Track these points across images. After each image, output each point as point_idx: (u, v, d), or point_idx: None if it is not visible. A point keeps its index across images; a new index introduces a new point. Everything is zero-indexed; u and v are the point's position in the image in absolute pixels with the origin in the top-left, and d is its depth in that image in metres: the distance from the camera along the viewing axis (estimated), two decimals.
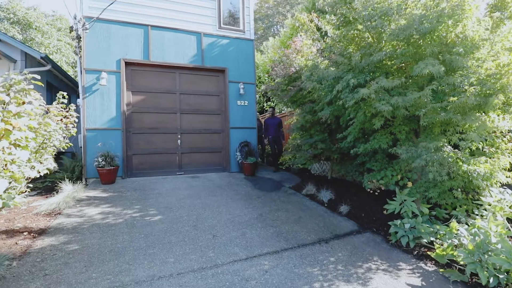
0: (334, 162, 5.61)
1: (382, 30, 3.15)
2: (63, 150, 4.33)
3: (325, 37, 4.83)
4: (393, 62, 3.36)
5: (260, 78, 11.94)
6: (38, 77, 3.02)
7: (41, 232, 3.34)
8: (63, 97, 3.90)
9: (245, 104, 7.47)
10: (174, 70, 6.88)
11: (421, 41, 2.97)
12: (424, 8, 2.85)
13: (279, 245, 3.16)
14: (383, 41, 3.30)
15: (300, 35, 5.33)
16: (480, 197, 3.41)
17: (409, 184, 3.97)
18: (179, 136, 6.87)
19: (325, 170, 6.87)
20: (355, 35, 3.65)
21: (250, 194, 5.22)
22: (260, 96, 11.80)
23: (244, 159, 6.90)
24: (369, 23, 3.18)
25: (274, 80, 11.43)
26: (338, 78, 3.58)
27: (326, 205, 4.66)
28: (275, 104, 10.63)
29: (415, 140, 3.81)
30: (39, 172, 3.41)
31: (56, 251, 2.88)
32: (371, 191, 4.37)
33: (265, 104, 11.35)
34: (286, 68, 5.48)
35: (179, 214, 4.03)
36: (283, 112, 9.60)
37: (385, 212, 4.10)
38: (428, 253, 3.00)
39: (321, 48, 4.71)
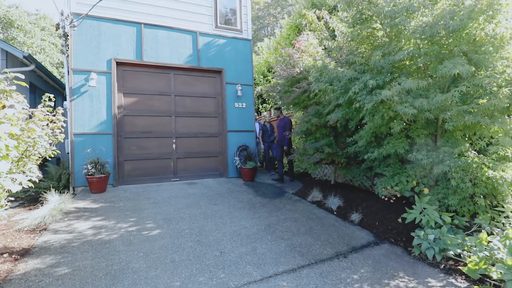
0: (340, 167, 5.39)
1: (403, 28, 2.94)
2: (49, 158, 3.91)
3: (334, 37, 4.61)
4: (412, 62, 3.15)
5: (255, 79, 11.67)
6: (22, 76, 2.64)
7: (24, 253, 2.94)
8: (50, 100, 3.50)
9: (243, 106, 7.17)
10: (169, 71, 6.52)
11: (447, 39, 2.77)
12: (454, 3, 2.64)
13: (295, 262, 2.87)
14: (403, 40, 3.09)
15: (307, 34, 5.09)
16: (504, 204, 3.23)
17: (425, 190, 3.77)
18: (174, 140, 6.50)
19: (327, 174, 6.64)
20: (369, 33, 3.43)
21: (253, 202, 4.92)
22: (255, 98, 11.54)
23: (243, 164, 6.59)
24: (388, 20, 2.95)
25: (269, 82, 11.21)
26: (353, 79, 3.34)
27: (335, 213, 4.41)
28: (271, 106, 10.38)
29: (432, 145, 3.62)
30: (21, 184, 3.00)
31: (43, 277, 2.49)
32: (385, 198, 4.14)
33: (260, 106, 11.08)
34: (289, 68, 5.23)
35: (179, 227, 3.68)
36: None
37: (399, 220, 3.89)
38: (458, 267, 2.78)
39: (330, 47, 4.46)
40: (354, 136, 4.18)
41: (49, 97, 3.48)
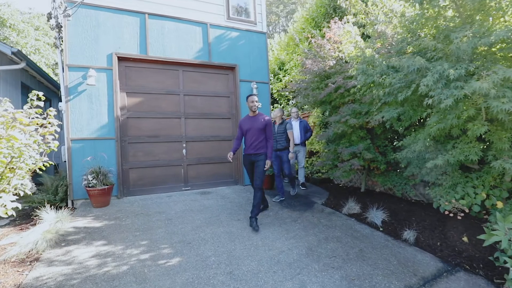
0: (376, 173, 4.73)
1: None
2: (39, 171, 3.22)
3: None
4: (503, 46, 2.49)
5: None
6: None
7: None
8: (38, 98, 2.82)
9: (259, 106, 6.48)
10: (177, 67, 5.84)
11: None
12: None
13: None
14: (490, 18, 2.44)
15: (345, 21, 4.41)
16: None
17: (499, 204, 3.12)
18: (184, 145, 5.82)
19: (353, 180, 5.99)
20: (437, 12, 2.77)
21: (280, 215, 4.25)
22: None
23: None
24: None
25: (280, 81, 10.53)
26: (421, 70, 2.69)
27: (381, 229, 3.75)
28: (283, 106, 9.71)
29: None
30: (5, 207, 2.32)
31: None
32: (449, 213, 3.48)
33: (271, 107, 10.41)
34: (320, 62, 4.56)
35: (202, 252, 3.01)
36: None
37: (464, 239, 3.24)
38: None
39: (376, 33, 3.78)
40: (404, 140, 3.53)
41: (37, 95, 2.80)
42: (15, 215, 4.12)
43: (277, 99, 9.59)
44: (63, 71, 4.98)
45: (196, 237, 3.39)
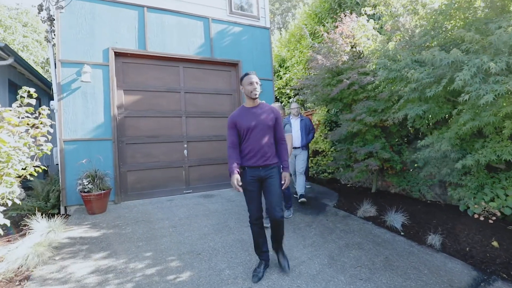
0: (391, 174, 4.50)
1: None
2: (30, 177, 2.88)
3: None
4: None
5: None
6: None
7: None
8: (29, 95, 2.49)
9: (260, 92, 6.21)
10: (177, 63, 5.52)
11: None
12: None
13: None
14: None
15: (363, 13, 4.15)
16: None
17: None
18: (185, 146, 5.51)
19: (361, 180, 5.77)
20: (468, 2, 2.55)
21: (292, 220, 3.99)
22: None
23: None
24: None
25: (281, 78, 10.26)
26: (457, 63, 2.45)
27: (402, 233, 3.51)
28: (284, 105, 9.46)
29: None
30: None
31: None
32: (479, 217, 3.25)
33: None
34: (332, 57, 4.31)
35: (215, 264, 2.72)
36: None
37: (494, 243, 3.02)
38: None
39: (397, 27, 3.53)
40: (426, 139, 3.31)
41: (28, 92, 2.47)
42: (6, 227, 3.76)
43: (278, 97, 9.33)
44: (55, 67, 4.61)
45: (206, 246, 3.10)
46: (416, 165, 4.20)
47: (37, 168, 2.66)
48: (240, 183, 2.36)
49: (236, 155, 2.46)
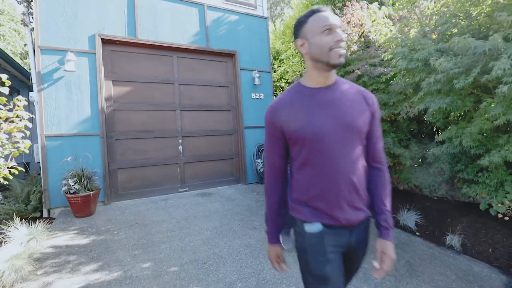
0: (398, 170, 4.31)
1: None
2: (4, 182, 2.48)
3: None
4: None
5: None
6: None
7: None
8: (1, 83, 2.09)
9: (261, 97, 5.92)
10: (171, 53, 5.11)
11: None
12: None
13: None
14: None
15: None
16: None
17: None
18: (180, 141, 5.14)
19: None
20: None
21: None
22: None
23: None
24: None
25: (275, 71, 9.92)
26: (493, 51, 2.22)
27: (417, 233, 3.32)
28: None
29: None
30: None
31: None
32: (504, 216, 3.07)
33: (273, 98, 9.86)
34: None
35: (224, 276, 2.42)
36: None
37: None
38: None
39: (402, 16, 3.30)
40: (444, 133, 3.10)
41: (0, 79, 2.06)
42: None
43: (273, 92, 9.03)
44: (34, 54, 4.14)
45: (211, 254, 2.79)
46: (424, 160, 4.02)
47: (13, 170, 2.27)
48: (282, 267, 1.24)
49: (278, 188, 1.20)
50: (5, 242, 2.84)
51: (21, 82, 7.66)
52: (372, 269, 1.14)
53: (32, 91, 4.23)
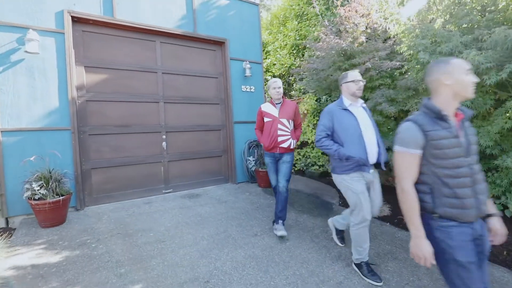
0: None
1: None
2: None
3: None
4: None
5: None
6: None
7: None
8: None
9: (252, 90, 5.54)
10: (153, 37, 4.55)
11: None
12: None
13: None
14: None
15: None
16: None
17: None
18: (164, 137, 4.63)
19: None
20: None
21: (303, 224, 3.45)
22: None
23: (259, 165, 5.04)
24: None
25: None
26: None
27: None
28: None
29: None
30: None
31: None
32: None
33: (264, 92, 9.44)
34: (346, 38, 3.74)
35: None
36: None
37: None
38: None
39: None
40: None
41: None
42: None
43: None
44: None
45: (212, 269, 2.41)
46: None
47: None
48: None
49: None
50: None
51: None
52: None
53: None
